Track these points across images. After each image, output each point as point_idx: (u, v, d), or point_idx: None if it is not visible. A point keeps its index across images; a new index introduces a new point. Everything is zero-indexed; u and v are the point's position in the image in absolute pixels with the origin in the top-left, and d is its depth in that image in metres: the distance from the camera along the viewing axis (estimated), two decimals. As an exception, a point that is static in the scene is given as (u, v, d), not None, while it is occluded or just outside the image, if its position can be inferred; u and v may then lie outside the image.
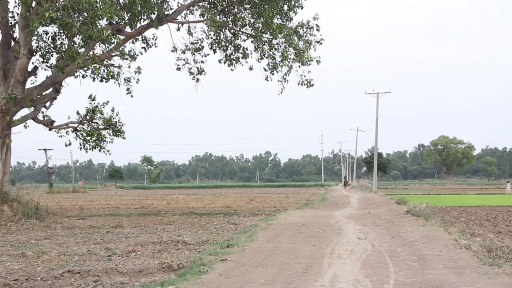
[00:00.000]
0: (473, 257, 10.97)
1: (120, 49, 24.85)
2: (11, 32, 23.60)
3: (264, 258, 11.41)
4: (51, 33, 24.62)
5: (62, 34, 24.38)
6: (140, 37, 25.67)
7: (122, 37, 24.29)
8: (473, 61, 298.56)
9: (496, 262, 10.31)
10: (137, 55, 25.89)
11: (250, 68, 26.29)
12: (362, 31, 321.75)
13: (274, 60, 25.33)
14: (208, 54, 26.73)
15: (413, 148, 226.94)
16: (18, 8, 23.12)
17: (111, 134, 25.59)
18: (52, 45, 25.04)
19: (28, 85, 23.79)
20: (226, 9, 24.93)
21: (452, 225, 17.44)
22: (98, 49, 23.12)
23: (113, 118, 25.42)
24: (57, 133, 25.47)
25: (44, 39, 24.54)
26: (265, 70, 25.61)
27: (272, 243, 13.81)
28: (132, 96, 25.72)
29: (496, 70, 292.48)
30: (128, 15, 23.42)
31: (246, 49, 25.83)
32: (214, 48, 26.10)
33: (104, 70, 24.85)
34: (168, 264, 10.62)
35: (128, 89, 25.54)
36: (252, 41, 25.34)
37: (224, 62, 26.22)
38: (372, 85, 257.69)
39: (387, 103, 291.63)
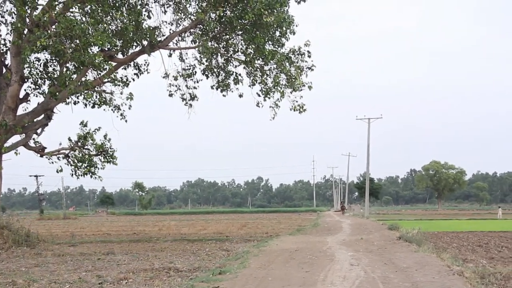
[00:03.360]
0: (466, 284, 10.96)
1: (112, 75, 24.90)
2: (2, 59, 23.62)
3: (257, 285, 11.34)
4: (43, 59, 24.63)
5: (54, 60, 24.41)
6: (132, 63, 25.74)
7: (114, 64, 24.36)
8: (464, 83, 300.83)
9: (489, 288, 10.30)
10: (129, 81, 25.92)
11: (240, 96, 26.33)
12: (352, 52, 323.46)
13: (267, 86, 25.36)
14: (201, 80, 26.76)
15: (405, 173, 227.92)
16: (10, 35, 23.17)
17: (103, 160, 25.55)
18: (44, 72, 25.02)
19: (20, 111, 23.74)
20: (218, 36, 25.06)
21: (445, 251, 17.40)
22: (90, 75, 23.19)
23: (105, 145, 25.39)
24: (48, 159, 25.39)
25: (36, 65, 24.57)
26: (259, 96, 25.58)
27: (265, 270, 13.74)
28: (126, 121, 25.65)
29: (487, 94, 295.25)
30: (120, 41, 23.52)
31: (239, 75, 25.94)
32: (206, 74, 26.17)
33: (96, 96, 24.86)
34: (160, 292, 10.55)
35: (121, 114, 25.49)
36: (244, 67, 25.44)
37: (217, 88, 26.29)
38: (364, 109, 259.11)
39: (378, 128, 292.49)
